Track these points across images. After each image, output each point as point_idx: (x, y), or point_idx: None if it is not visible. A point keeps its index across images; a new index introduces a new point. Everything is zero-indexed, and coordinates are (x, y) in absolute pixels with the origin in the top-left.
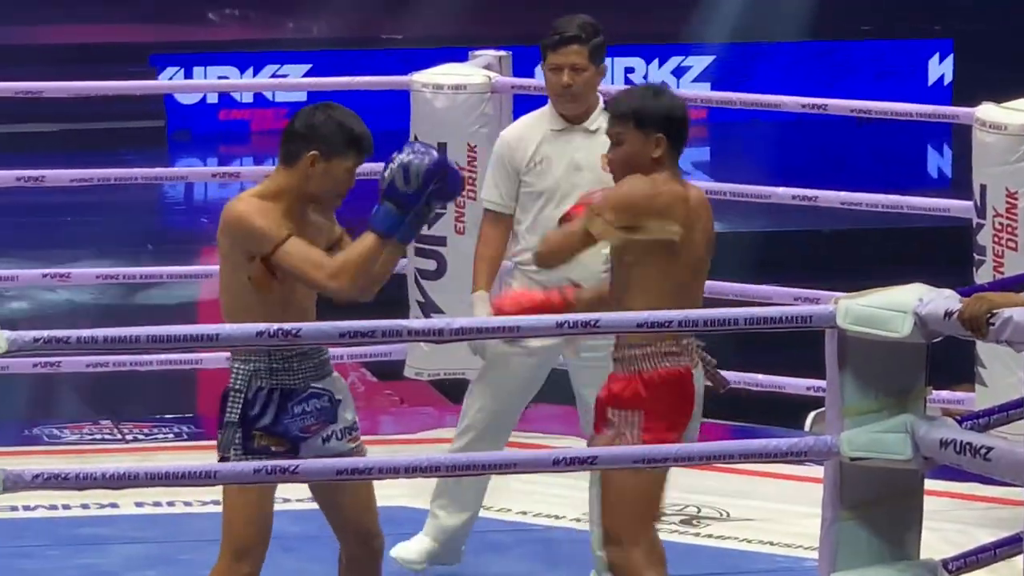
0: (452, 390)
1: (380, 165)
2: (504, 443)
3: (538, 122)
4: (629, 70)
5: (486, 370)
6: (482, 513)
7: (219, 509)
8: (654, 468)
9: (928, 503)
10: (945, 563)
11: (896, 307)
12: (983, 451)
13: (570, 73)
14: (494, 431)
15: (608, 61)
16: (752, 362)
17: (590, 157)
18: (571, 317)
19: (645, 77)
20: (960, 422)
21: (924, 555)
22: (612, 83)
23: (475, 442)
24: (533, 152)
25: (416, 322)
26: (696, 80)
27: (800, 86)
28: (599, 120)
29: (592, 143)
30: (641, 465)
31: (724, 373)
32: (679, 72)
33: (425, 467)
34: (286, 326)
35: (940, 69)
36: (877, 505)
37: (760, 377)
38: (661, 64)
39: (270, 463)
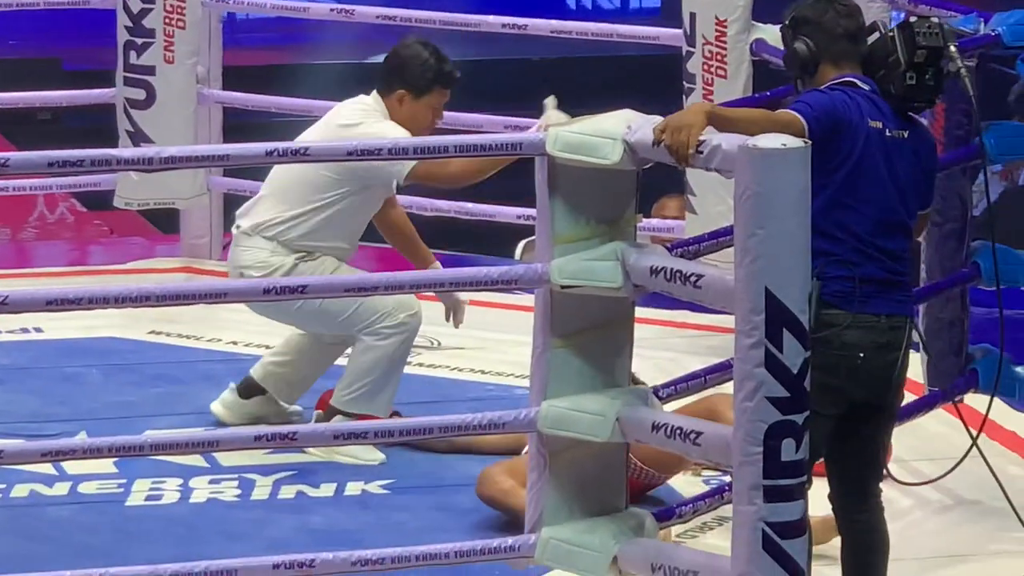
0: (162, 220)
1: None
2: None
3: None
4: None
5: None
6: (193, 344)
7: None
8: None
9: (639, 331)
10: (656, 390)
11: (605, 134)
12: (693, 278)
13: None
14: None
15: None
16: (462, 191)
17: None
18: None
19: None
20: (670, 249)
21: None
22: None
23: None
24: None
25: (126, 151)
26: None
27: None
28: None
29: None
30: (354, 294)
31: (436, 200)
32: None
33: (135, 297)
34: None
35: None
36: (588, 333)
37: (470, 206)
38: None
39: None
